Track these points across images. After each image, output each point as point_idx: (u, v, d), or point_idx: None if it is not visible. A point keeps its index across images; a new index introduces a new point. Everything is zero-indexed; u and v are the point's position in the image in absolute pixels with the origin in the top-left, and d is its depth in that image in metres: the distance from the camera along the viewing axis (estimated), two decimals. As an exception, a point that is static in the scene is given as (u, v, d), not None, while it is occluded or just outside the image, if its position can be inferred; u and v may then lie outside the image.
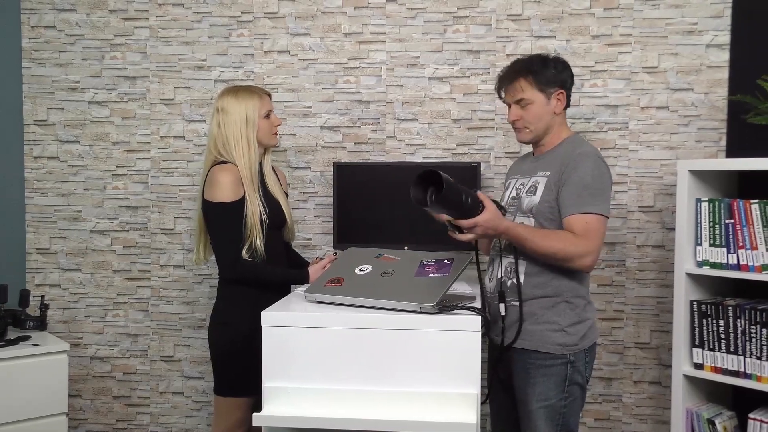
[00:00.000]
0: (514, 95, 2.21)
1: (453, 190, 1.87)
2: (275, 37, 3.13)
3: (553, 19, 3.01)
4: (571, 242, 2.04)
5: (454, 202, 1.89)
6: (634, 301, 3.05)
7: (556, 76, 2.21)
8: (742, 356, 2.54)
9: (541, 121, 2.20)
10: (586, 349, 2.15)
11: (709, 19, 2.94)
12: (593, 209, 2.07)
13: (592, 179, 2.09)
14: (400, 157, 3.10)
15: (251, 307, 2.33)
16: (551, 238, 2.05)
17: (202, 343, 3.21)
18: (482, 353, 1.97)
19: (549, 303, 2.12)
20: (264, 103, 2.50)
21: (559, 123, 2.24)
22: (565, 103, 2.23)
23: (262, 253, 2.44)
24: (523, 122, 2.21)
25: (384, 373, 1.90)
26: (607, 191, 2.12)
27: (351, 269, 2.13)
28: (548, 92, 2.19)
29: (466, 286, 2.42)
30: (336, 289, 2.06)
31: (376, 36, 3.10)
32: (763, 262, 2.49)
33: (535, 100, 2.19)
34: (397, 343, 1.90)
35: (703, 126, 2.97)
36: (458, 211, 1.93)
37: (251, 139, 2.46)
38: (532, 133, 2.22)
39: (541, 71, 2.19)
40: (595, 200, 2.07)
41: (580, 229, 2.05)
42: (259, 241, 2.42)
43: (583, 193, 2.07)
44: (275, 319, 1.94)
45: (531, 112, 2.19)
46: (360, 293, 2.01)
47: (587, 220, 2.06)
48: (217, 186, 2.41)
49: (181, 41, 3.16)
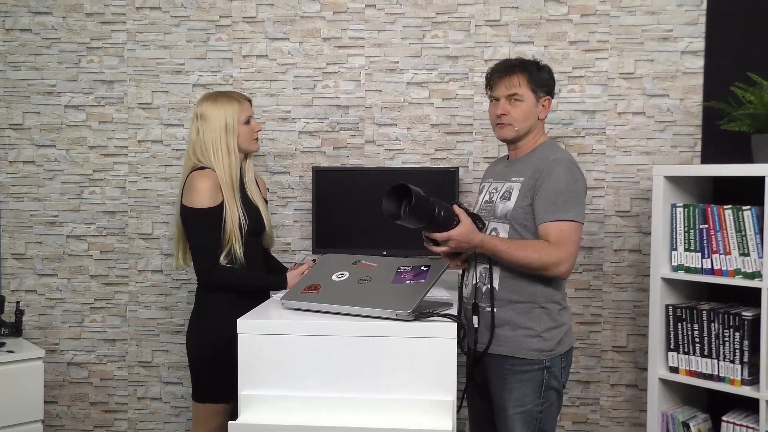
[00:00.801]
0: (510, 88, 2.20)
1: (424, 203, 1.89)
2: (254, 41, 3.12)
3: (530, 25, 3.03)
4: (546, 251, 2.05)
5: (425, 215, 1.92)
6: (611, 305, 3.08)
7: (547, 82, 2.24)
8: (716, 360, 2.57)
9: (527, 121, 2.20)
10: (563, 354, 2.16)
11: (684, 26, 2.97)
12: (567, 216, 2.08)
13: (566, 186, 2.10)
14: (378, 162, 3.10)
15: (229, 312, 2.31)
16: (526, 249, 2.06)
17: (180, 349, 3.19)
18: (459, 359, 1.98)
19: (524, 309, 2.14)
20: (243, 108, 2.49)
21: (539, 128, 2.26)
22: (547, 112, 2.26)
23: (241, 260, 2.43)
24: (509, 118, 2.20)
25: (360, 381, 1.90)
26: (581, 197, 2.14)
27: (328, 276, 2.13)
28: (538, 95, 2.21)
29: (444, 292, 2.43)
30: (313, 296, 2.06)
31: (355, 41, 3.10)
32: (736, 267, 2.52)
33: (526, 99, 2.19)
34: (374, 351, 1.90)
35: (679, 131, 3.00)
36: (431, 224, 1.95)
37: (231, 145, 2.45)
38: (516, 131, 2.21)
39: (537, 73, 2.21)
40: (569, 207, 2.08)
41: (554, 236, 2.06)
42: (238, 248, 2.42)
43: (558, 199, 2.08)
44: (251, 326, 1.94)
45: (519, 109, 2.19)
46: (336, 300, 2.01)
47: (562, 227, 2.07)
48: (195, 192, 2.40)
49: (159, 45, 3.15)
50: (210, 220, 2.40)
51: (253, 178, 2.59)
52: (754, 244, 2.47)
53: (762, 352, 2.44)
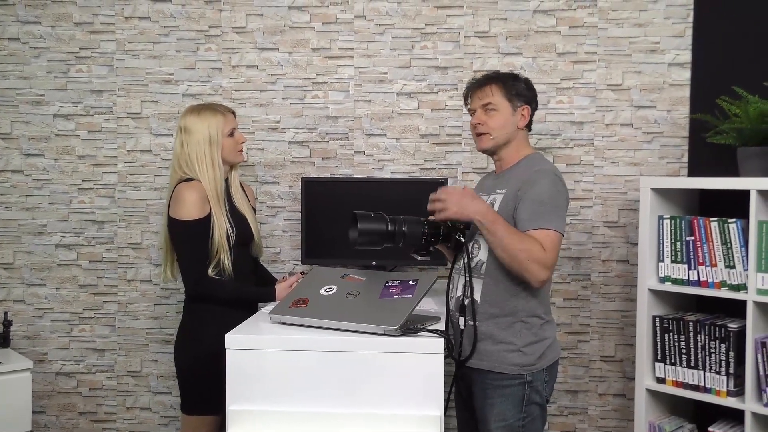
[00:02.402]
0: (482, 98, 2.22)
1: (373, 223, 2.01)
2: (243, 51, 3.13)
3: (519, 37, 3.05)
4: (537, 249, 2.04)
5: (380, 235, 2.02)
6: (599, 314, 3.10)
7: (525, 91, 2.25)
8: (702, 371, 2.59)
9: (503, 130, 2.21)
10: (545, 368, 2.16)
11: (670, 38, 3.00)
12: (550, 225, 2.08)
13: (549, 196, 2.10)
14: (368, 172, 3.12)
15: (218, 324, 2.33)
16: (522, 238, 2.05)
17: (169, 358, 3.19)
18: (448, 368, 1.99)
19: (505, 323, 2.14)
20: (227, 120, 2.50)
21: (520, 139, 2.26)
22: (528, 121, 2.26)
23: (230, 271, 2.43)
24: (485, 127, 2.22)
25: (348, 396, 1.91)
26: (562, 209, 2.14)
27: (316, 290, 2.14)
28: (515, 104, 2.22)
29: (432, 304, 2.44)
30: (300, 310, 2.07)
31: (345, 51, 3.11)
32: (722, 279, 2.55)
33: (500, 108, 2.21)
34: (361, 366, 1.91)
35: (666, 143, 3.03)
36: (391, 242, 2.04)
37: (215, 158, 2.45)
38: (493, 140, 2.22)
39: (512, 83, 2.23)
40: (552, 216, 2.09)
41: (541, 242, 2.06)
42: (227, 260, 2.42)
43: (540, 209, 2.08)
44: (239, 341, 1.95)
45: (494, 119, 2.21)
46: (324, 315, 2.02)
47: (548, 234, 2.07)
48: (182, 203, 2.40)
49: (148, 55, 3.15)
50: (197, 232, 2.40)
51: (239, 187, 2.60)
52: (740, 257, 2.50)
53: (747, 363, 2.46)
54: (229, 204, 2.50)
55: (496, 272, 2.14)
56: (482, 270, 2.17)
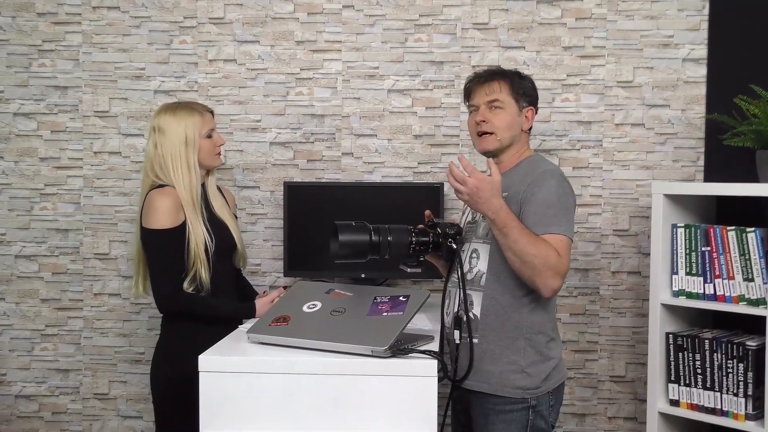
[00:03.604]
0: (489, 94, 2.22)
1: (355, 234, 2.03)
2: (221, 44, 3.14)
3: (521, 29, 3.07)
4: (552, 254, 2.04)
5: (361, 247, 2.03)
6: (609, 331, 3.12)
7: (530, 91, 2.27)
8: (719, 392, 2.61)
9: (509, 130, 2.22)
10: (551, 391, 2.18)
11: (685, 32, 3.02)
12: (560, 230, 2.09)
13: (557, 198, 2.12)
14: (357, 176, 3.13)
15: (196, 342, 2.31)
16: (537, 241, 2.05)
17: (140, 379, 3.20)
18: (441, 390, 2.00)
19: (507, 340, 2.15)
20: (205, 121, 2.51)
21: (522, 142, 2.28)
22: (531, 124, 2.28)
23: (207, 286, 2.43)
24: (490, 126, 2.21)
25: (332, 423, 1.92)
26: (571, 212, 2.16)
27: (298, 306, 2.14)
28: (521, 104, 2.24)
29: (426, 321, 2.45)
30: (281, 329, 2.07)
31: (331, 44, 3.12)
32: (740, 293, 2.57)
33: (507, 106, 2.22)
34: (347, 390, 1.92)
35: (681, 145, 3.05)
36: (376, 254, 2.05)
37: (191, 161, 2.46)
38: (498, 142, 2.22)
39: (519, 81, 2.25)
40: (560, 220, 2.10)
41: (555, 247, 2.07)
42: (204, 272, 2.42)
43: (548, 212, 2.10)
44: (213, 363, 1.95)
45: (500, 117, 2.21)
46: (307, 334, 2.02)
47: (560, 239, 2.08)
48: (154, 212, 2.41)
49: (118, 48, 3.16)
50: (170, 243, 2.41)
51: (218, 192, 2.60)
52: (759, 269, 2.52)
53: (767, 384, 2.48)
54: (207, 211, 2.51)
55: (497, 284, 2.15)
56: (482, 282, 2.18)
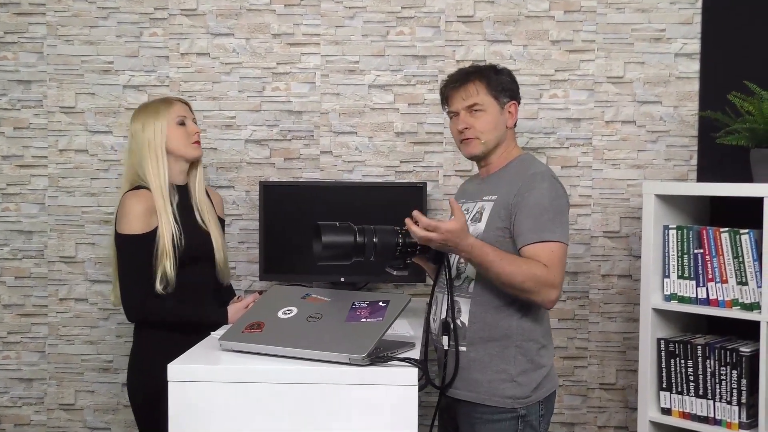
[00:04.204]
0: (467, 99, 2.23)
1: (339, 235, 2.01)
2: (193, 37, 3.13)
3: (508, 22, 3.08)
4: (540, 271, 2.06)
5: (346, 248, 2.01)
6: (599, 337, 3.13)
7: (509, 85, 2.27)
8: (712, 400, 2.64)
9: (494, 132, 2.23)
10: (541, 400, 2.19)
11: (677, 26, 3.04)
12: (554, 236, 2.10)
13: (549, 202, 2.13)
14: (336, 175, 3.13)
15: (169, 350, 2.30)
16: (519, 264, 2.07)
17: (108, 389, 3.19)
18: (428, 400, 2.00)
19: (496, 348, 2.16)
20: (175, 108, 2.53)
21: (509, 139, 2.29)
22: (516, 118, 2.29)
23: (173, 282, 2.43)
24: (474, 131, 2.22)
25: (308, 433, 1.92)
26: (565, 214, 2.18)
27: (273, 312, 2.14)
28: (502, 101, 2.24)
29: (408, 328, 2.45)
30: (255, 336, 2.07)
31: (309, 38, 3.12)
32: (734, 297, 2.59)
33: (488, 107, 2.22)
34: (324, 400, 1.91)
35: (673, 143, 3.07)
36: (357, 253, 2.03)
37: (160, 149, 2.47)
38: (484, 145, 2.23)
39: (495, 77, 2.25)
40: (555, 226, 2.12)
41: (546, 259, 2.08)
42: (170, 267, 2.41)
43: (542, 218, 2.11)
44: (183, 372, 1.94)
45: (483, 120, 2.22)
46: (282, 341, 2.02)
47: (552, 248, 2.09)
48: (125, 215, 2.42)
49: (84, 40, 3.14)
50: (140, 249, 2.41)
51: (205, 196, 2.60)
52: (753, 272, 2.54)
53: (761, 392, 2.51)
54: (188, 215, 2.52)
55: (486, 291, 2.16)
56: (470, 288, 2.19)
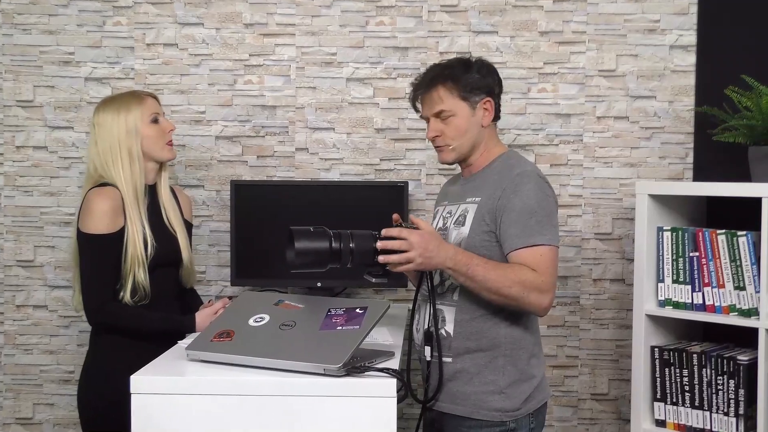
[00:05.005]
0: (432, 107, 2.22)
1: (313, 240, 2.00)
2: (160, 26, 3.13)
3: (494, 12, 3.09)
4: (530, 277, 2.05)
5: (319, 253, 2.01)
6: (590, 344, 3.15)
7: (480, 81, 2.23)
8: (708, 411, 2.66)
9: (466, 135, 2.22)
10: (532, 413, 2.19)
11: (672, 16, 3.07)
12: (544, 240, 2.10)
13: (537, 203, 2.12)
14: (312, 173, 3.13)
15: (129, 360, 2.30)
16: (506, 271, 2.06)
17: (69, 401, 3.17)
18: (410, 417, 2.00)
19: (484, 358, 2.16)
20: (147, 105, 2.51)
21: (488, 138, 2.27)
22: (493, 114, 2.26)
23: (147, 288, 2.43)
24: (443, 139, 2.23)
25: (280, 449, 1.92)
26: (553, 216, 2.17)
27: (244, 319, 2.14)
28: (473, 101, 2.22)
29: (387, 335, 2.45)
30: (224, 345, 2.07)
31: (284, 28, 3.12)
32: (731, 303, 2.61)
33: (457, 112, 2.21)
34: (297, 413, 1.91)
35: (668, 140, 3.10)
36: (333, 260, 2.03)
37: (134, 151, 2.46)
38: (456, 151, 2.24)
39: (462, 76, 2.21)
40: (544, 229, 2.11)
41: (534, 263, 2.08)
42: (142, 274, 2.42)
43: (529, 221, 2.10)
44: (147, 384, 1.94)
45: (453, 125, 2.21)
46: (253, 351, 2.02)
47: (541, 252, 2.08)
48: (90, 213, 2.41)
49: (43, 29, 3.13)
50: (106, 249, 2.41)
51: (171, 196, 2.60)
52: (751, 276, 2.56)
53: (759, 402, 2.53)
54: (156, 216, 2.52)
55: (471, 298, 2.16)
56: (454, 296, 2.19)
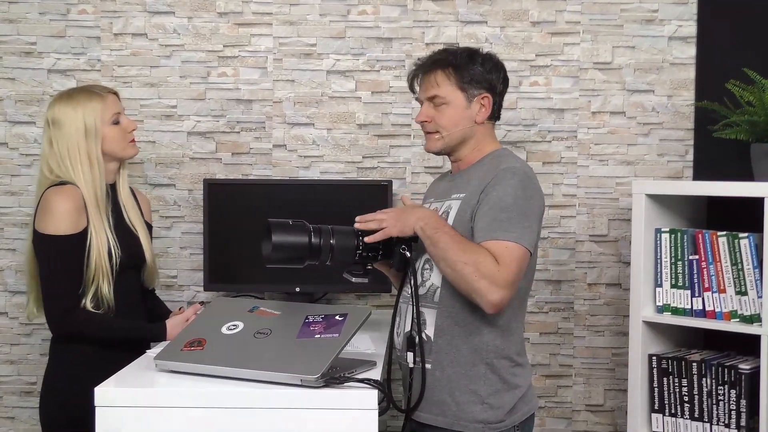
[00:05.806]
0: (427, 90, 2.26)
1: (291, 234, 2.04)
2: (128, 15, 3.12)
3: (484, 1, 3.10)
4: (487, 261, 2.04)
5: (297, 247, 2.04)
6: (585, 353, 3.16)
7: (482, 75, 2.25)
8: (708, 423, 2.67)
9: (456, 127, 2.24)
10: (517, 425, 2.20)
11: (671, 6, 3.08)
12: (509, 236, 2.08)
13: (514, 200, 2.12)
14: (290, 171, 3.13)
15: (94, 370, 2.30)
16: (468, 247, 2.08)
17: (31, 414, 3.16)
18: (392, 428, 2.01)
19: (465, 366, 2.16)
20: (108, 104, 2.50)
21: (481, 135, 2.28)
22: (490, 112, 2.28)
23: (111, 302, 2.43)
24: (433, 125, 2.25)
25: (255, 465, 1.92)
26: (532, 219, 2.15)
27: (216, 327, 2.14)
28: (470, 93, 2.24)
29: (369, 343, 2.46)
30: (195, 354, 2.07)
31: (260, 17, 3.12)
32: (732, 308, 2.62)
33: (451, 101, 2.23)
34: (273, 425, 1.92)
35: (667, 136, 3.11)
36: (312, 256, 2.06)
37: (94, 154, 2.45)
38: (443, 140, 2.26)
39: (465, 65, 2.24)
40: (513, 226, 2.09)
41: (497, 255, 2.06)
42: (107, 287, 2.42)
43: (500, 216, 2.10)
44: (112, 396, 1.94)
45: (444, 114, 2.24)
46: (225, 360, 2.02)
47: (507, 245, 2.07)
48: (50, 214, 2.40)
49: (2, 18, 3.12)
50: (67, 251, 2.40)
51: (130, 195, 2.60)
52: (753, 281, 2.57)
53: (762, 413, 2.54)
54: (116, 216, 2.51)
55: (453, 300, 2.17)
56: (435, 297, 2.20)
